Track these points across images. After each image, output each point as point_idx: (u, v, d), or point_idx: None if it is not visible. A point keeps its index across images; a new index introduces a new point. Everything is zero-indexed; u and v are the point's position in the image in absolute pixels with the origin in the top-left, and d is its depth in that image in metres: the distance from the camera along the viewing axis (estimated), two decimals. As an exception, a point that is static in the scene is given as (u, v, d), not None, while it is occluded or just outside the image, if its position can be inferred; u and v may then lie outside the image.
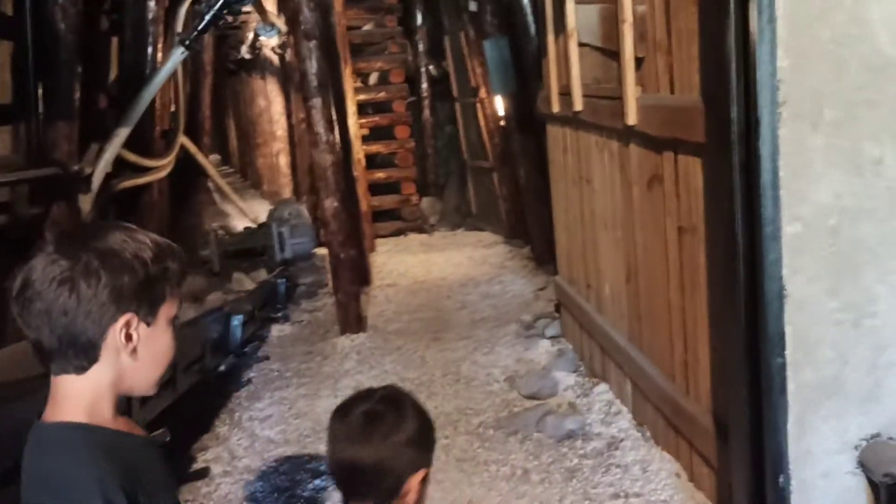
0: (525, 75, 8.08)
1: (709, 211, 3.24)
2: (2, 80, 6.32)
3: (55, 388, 1.34)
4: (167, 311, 1.37)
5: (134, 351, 1.32)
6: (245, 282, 7.32)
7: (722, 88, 2.66)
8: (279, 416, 5.25)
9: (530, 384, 5.17)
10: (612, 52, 4.20)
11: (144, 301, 1.32)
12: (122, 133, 6.71)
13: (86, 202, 6.42)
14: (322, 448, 4.80)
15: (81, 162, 6.55)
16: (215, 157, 29.87)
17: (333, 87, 7.29)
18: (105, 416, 1.34)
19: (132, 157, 7.84)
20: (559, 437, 4.44)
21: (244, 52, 15.20)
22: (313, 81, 6.29)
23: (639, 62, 3.83)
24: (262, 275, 7.88)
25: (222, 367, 5.31)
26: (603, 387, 4.98)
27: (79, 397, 1.31)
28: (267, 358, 6.41)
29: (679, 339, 3.73)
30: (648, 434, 4.26)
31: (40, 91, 6.30)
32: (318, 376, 5.93)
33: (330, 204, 6.48)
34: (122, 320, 1.30)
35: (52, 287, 1.26)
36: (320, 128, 6.33)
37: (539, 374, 5.31)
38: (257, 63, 15.27)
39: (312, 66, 6.33)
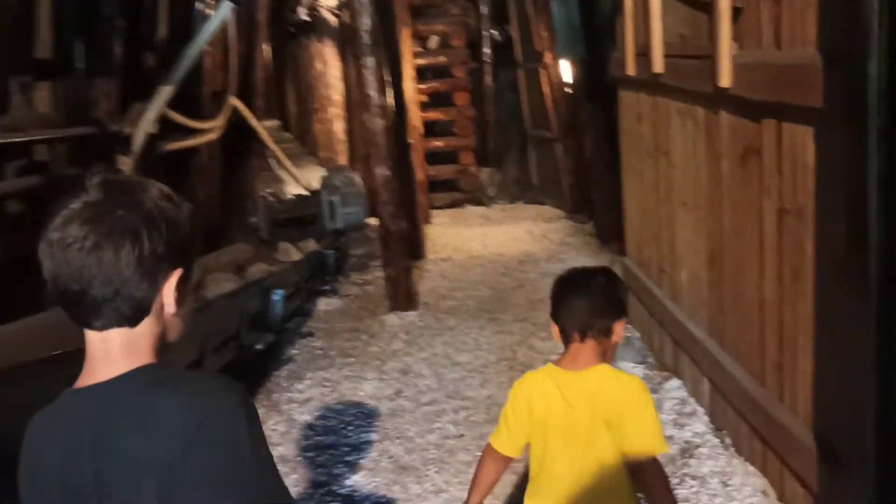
0: (595, 38, 7.50)
1: (823, 190, 2.70)
2: (42, 36, 6.02)
3: (104, 343, 1.27)
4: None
5: (179, 305, 1.31)
6: (292, 252, 6.96)
7: (857, 39, 2.13)
8: (320, 400, 4.88)
9: (593, 376, 4.68)
10: (702, 3, 3.64)
11: (189, 257, 1.33)
12: (165, 92, 6.37)
13: (126, 163, 6.12)
14: (365, 436, 4.42)
15: (122, 122, 6.25)
16: (274, 122, 29.90)
17: (388, 47, 6.83)
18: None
19: (179, 118, 7.53)
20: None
21: (302, 13, 14.85)
22: (366, 39, 5.84)
23: (736, 13, 3.28)
24: (311, 245, 7.50)
25: (260, 346, 4.95)
26: (675, 382, 4.48)
27: (138, 345, 1.28)
28: (311, 334, 6.04)
29: (773, 338, 3.21)
30: (729, 441, 3.76)
31: (81, 47, 6.01)
32: (364, 356, 5.54)
33: (381, 172, 6.05)
34: (174, 276, 1.28)
35: (113, 238, 1.21)
36: (372, 90, 5.88)
37: (603, 364, 4.81)
38: (315, 25, 14.89)
39: (365, 23, 5.87)
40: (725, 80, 3.31)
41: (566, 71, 9.13)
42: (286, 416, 4.68)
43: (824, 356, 2.81)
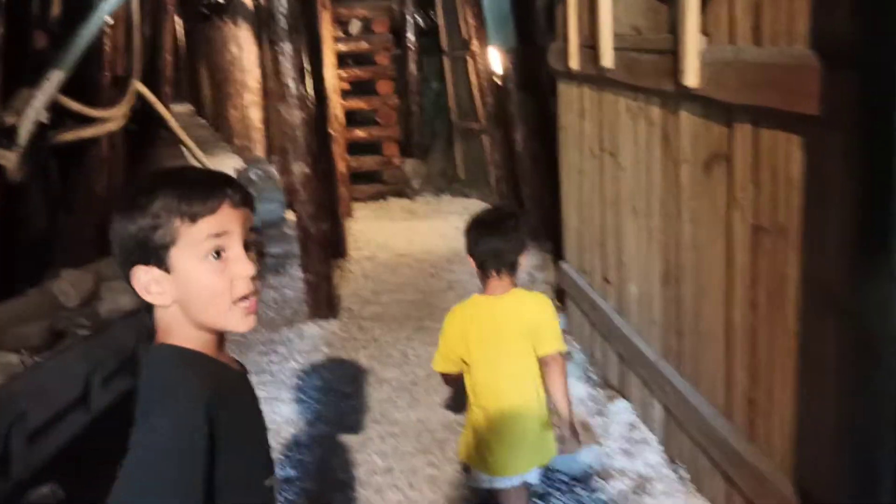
0: (527, 26, 7.12)
1: (812, 208, 2.35)
2: None
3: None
4: (185, 250, 1.39)
5: (163, 296, 1.40)
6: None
7: (875, 32, 1.76)
8: (231, 426, 4.36)
9: (533, 396, 4.30)
10: (661, -8, 3.27)
11: (144, 254, 1.39)
12: (56, 77, 5.68)
13: (8, 158, 5.41)
14: (281, 472, 3.93)
15: (4, 111, 5.53)
16: (188, 106, 28.72)
17: (308, 32, 6.28)
18: (198, 344, 1.43)
19: (75, 105, 6.82)
20: (572, 474, 3.59)
21: (217, -8, 14.04)
22: (282, 23, 5.29)
23: (704, 2, 2.91)
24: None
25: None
26: (622, 404, 4.13)
27: (161, 326, 1.44)
28: (222, 347, 5.49)
29: (743, 369, 2.87)
30: (686, 476, 3.42)
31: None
32: (281, 373, 5.03)
33: (299, 169, 5.52)
34: (134, 276, 1.40)
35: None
36: (290, 79, 5.33)
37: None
38: (230, 7, 14.10)
39: (282, 5, 5.32)
40: (691, 78, 2.94)
41: (495, 60, 8.72)
42: (192, 448, 4.15)
43: (808, 396, 2.47)
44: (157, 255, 1.38)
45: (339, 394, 4.72)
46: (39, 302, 4.50)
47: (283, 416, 4.44)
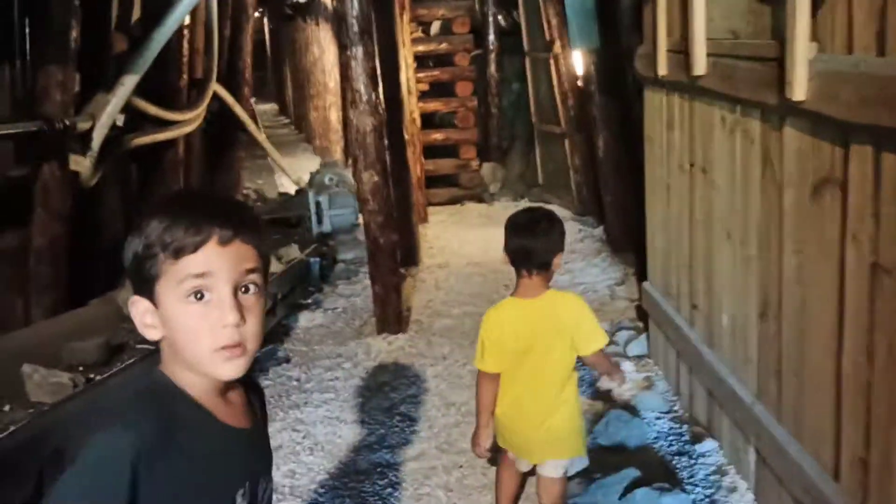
0: (614, 26, 6.74)
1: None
2: (-14, 14, 5.29)
3: None
4: (168, 288, 1.29)
5: (155, 331, 1.33)
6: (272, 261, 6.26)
7: None
8: (290, 449, 4.17)
9: (611, 429, 3.98)
10: (765, -8, 2.91)
11: (139, 283, 1.32)
12: (130, 81, 5.64)
13: (81, 163, 5.38)
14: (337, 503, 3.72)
15: (80, 115, 5.52)
16: (271, 106, 29.09)
17: (383, 35, 6.07)
18: (190, 383, 1.33)
19: (152, 109, 6.82)
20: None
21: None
22: (354, 27, 5.08)
23: (815, 5, 2.54)
24: (294, 251, 6.77)
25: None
26: (710, 444, 3.77)
27: (163, 357, 1.36)
28: (287, 360, 5.33)
29: (855, 426, 2.50)
30: (783, 535, 3.05)
31: (27, 28, 5.26)
32: (344, 392, 4.83)
33: (369, 178, 5.32)
34: (133, 307, 1.34)
35: None
36: (360, 84, 5.13)
37: (621, 414, 4.10)
38: (312, 7, 14.12)
39: (354, 8, 5.11)
40: (798, 90, 2.58)
41: (578, 62, 8.37)
42: (249, 471, 3.98)
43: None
44: (147, 287, 1.31)
45: (404, 417, 4.49)
46: (102, 314, 4.42)
47: (344, 439, 4.24)
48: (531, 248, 2.81)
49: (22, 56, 5.23)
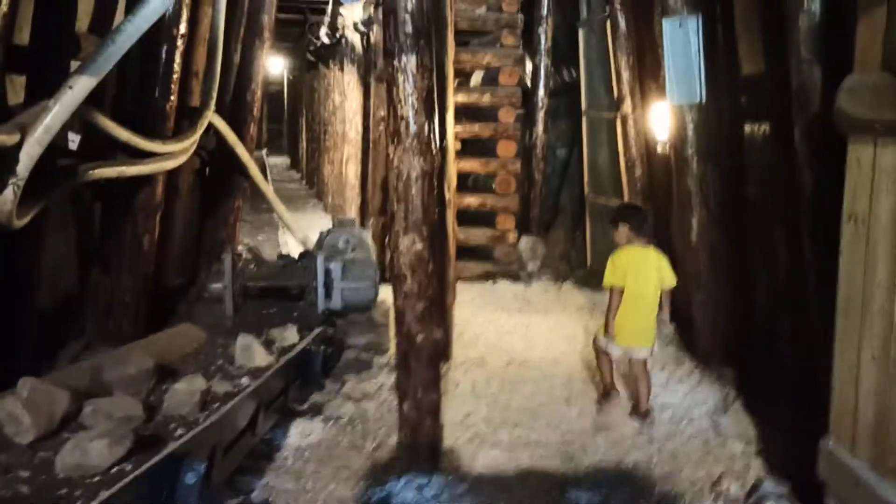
0: (780, 54, 5.09)
1: None
2: None
3: None
4: None
5: None
6: (255, 352, 4.44)
7: None
8: None
9: None
10: None
11: None
12: (80, 87, 3.99)
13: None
14: None
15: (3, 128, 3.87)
16: (283, 159, 27.78)
17: (437, 51, 4.45)
18: None
19: (122, 133, 5.19)
20: None
21: (323, 35, 12.68)
22: (406, 25, 3.48)
23: None
24: (291, 334, 5.03)
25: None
26: None
27: None
28: (267, 506, 3.57)
29: None
30: None
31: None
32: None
33: (409, 245, 3.64)
34: None
35: None
36: (409, 108, 3.50)
37: None
38: (338, 50, 12.72)
39: (408, 3, 3.52)
40: None
41: (663, 121, 6.79)
42: None
43: None
44: None
45: None
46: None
47: None
48: (642, 220, 5.05)
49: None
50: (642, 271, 4.84)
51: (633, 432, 4.71)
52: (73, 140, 4.83)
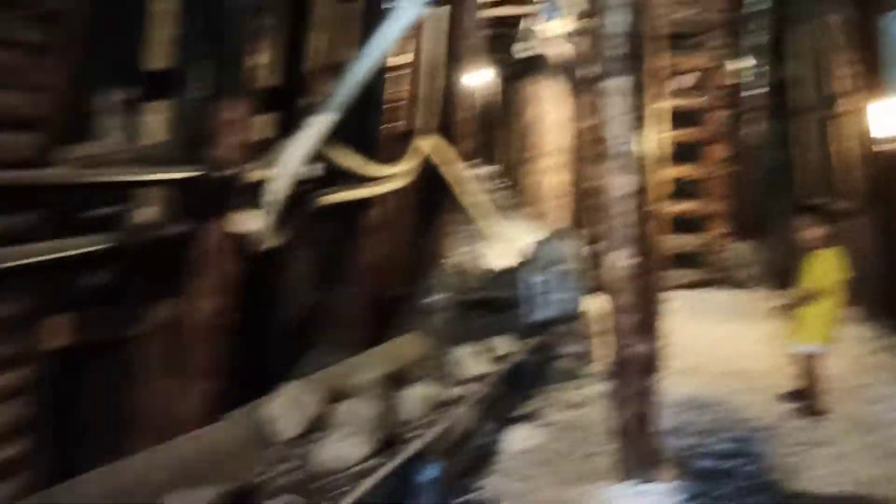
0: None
1: None
2: (162, 36, 4.39)
3: None
4: None
5: None
6: (476, 361, 4.76)
7: None
8: None
9: None
10: None
11: None
12: (319, 124, 4.51)
13: (252, 219, 4.28)
14: None
15: (255, 162, 4.45)
16: (491, 168, 28.36)
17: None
18: None
19: (349, 161, 5.72)
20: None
21: (518, 49, 13.00)
22: (614, 49, 3.64)
23: None
24: (504, 345, 5.31)
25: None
26: None
27: None
28: (493, 509, 3.83)
29: None
30: None
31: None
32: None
33: (620, 259, 3.79)
34: None
35: None
36: (617, 128, 3.66)
37: None
38: (537, 63, 12.98)
39: (617, 20, 3.67)
40: None
41: (882, 118, 6.44)
42: None
43: None
44: None
45: None
46: (237, 437, 3.17)
47: None
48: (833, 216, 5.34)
49: (194, 88, 4.25)
50: (831, 272, 5.07)
51: (855, 448, 4.54)
52: (316, 170, 5.38)
